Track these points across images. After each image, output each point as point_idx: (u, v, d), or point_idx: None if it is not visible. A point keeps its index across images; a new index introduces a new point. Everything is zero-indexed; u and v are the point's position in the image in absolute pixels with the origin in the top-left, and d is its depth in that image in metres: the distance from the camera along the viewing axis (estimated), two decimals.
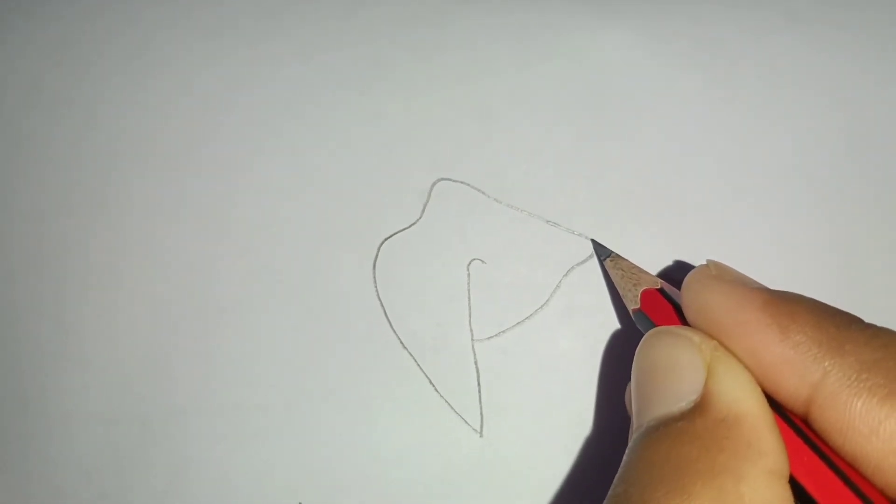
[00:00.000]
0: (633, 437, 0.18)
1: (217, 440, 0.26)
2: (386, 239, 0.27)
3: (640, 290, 0.22)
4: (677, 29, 0.28)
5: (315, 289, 0.27)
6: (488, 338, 0.26)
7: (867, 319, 0.26)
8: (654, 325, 0.21)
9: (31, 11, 0.30)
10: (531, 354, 0.26)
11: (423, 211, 0.27)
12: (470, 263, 0.27)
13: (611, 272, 0.24)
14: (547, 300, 0.26)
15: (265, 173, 0.28)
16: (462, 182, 0.27)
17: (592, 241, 0.26)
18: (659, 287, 0.22)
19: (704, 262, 0.20)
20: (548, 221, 0.27)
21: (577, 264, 0.26)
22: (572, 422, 0.26)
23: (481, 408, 0.26)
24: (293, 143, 0.28)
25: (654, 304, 0.22)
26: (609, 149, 0.27)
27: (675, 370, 0.18)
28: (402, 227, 0.27)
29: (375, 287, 0.27)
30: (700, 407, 0.17)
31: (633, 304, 0.22)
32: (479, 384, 0.26)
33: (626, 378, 0.26)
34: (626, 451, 0.18)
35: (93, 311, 0.28)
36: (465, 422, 0.26)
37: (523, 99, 0.28)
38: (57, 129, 0.29)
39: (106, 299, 0.28)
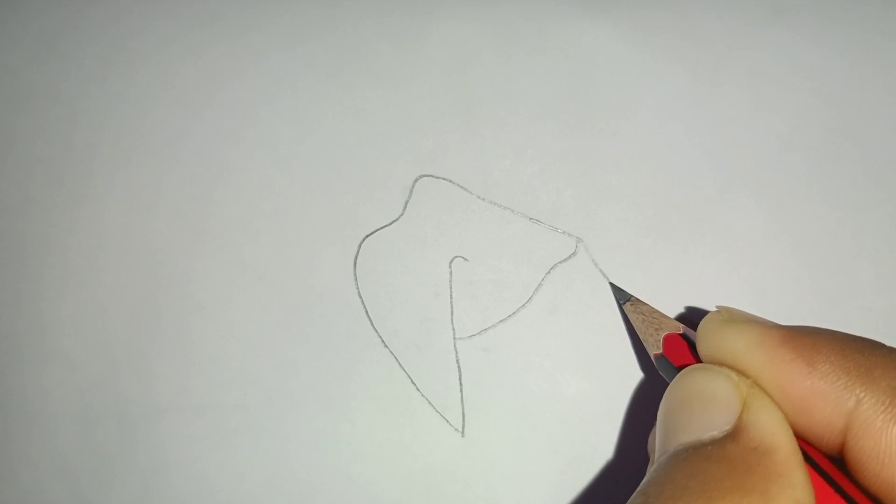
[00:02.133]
0: (658, 460, 0.18)
1: (196, 439, 0.26)
2: (367, 236, 0.27)
3: (662, 335, 0.22)
4: (663, 22, 0.27)
5: (295, 286, 0.27)
6: (470, 336, 0.26)
7: (854, 316, 0.26)
8: (677, 369, 0.21)
9: (11, 7, 0.29)
10: (513, 352, 0.26)
11: (405, 208, 0.27)
12: (452, 261, 0.26)
13: (631, 316, 0.24)
14: (529, 298, 0.26)
15: (245, 169, 0.27)
16: (444, 178, 0.27)
17: (611, 284, 0.26)
18: (681, 332, 0.22)
19: (714, 309, 0.21)
20: (531, 219, 0.26)
21: (560, 262, 0.26)
22: (554, 421, 0.26)
23: (463, 406, 0.26)
24: (273, 137, 0.27)
25: (677, 349, 0.22)
26: (594, 144, 0.27)
27: (710, 401, 0.18)
28: (383, 224, 0.27)
29: (356, 284, 0.26)
30: (732, 435, 0.17)
31: (654, 350, 0.22)
32: (460, 383, 0.26)
33: (610, 374, 0.26)
34: (648, 473, 0.18)
35: (71, 308, 0.27)
36: (447, 421, 0.26)
37: (508, 94, 0.27)
38: (35, 124, 0.28)
39: (84, 296, 0.27)
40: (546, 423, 0.26)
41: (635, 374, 0.26)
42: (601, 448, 0.26)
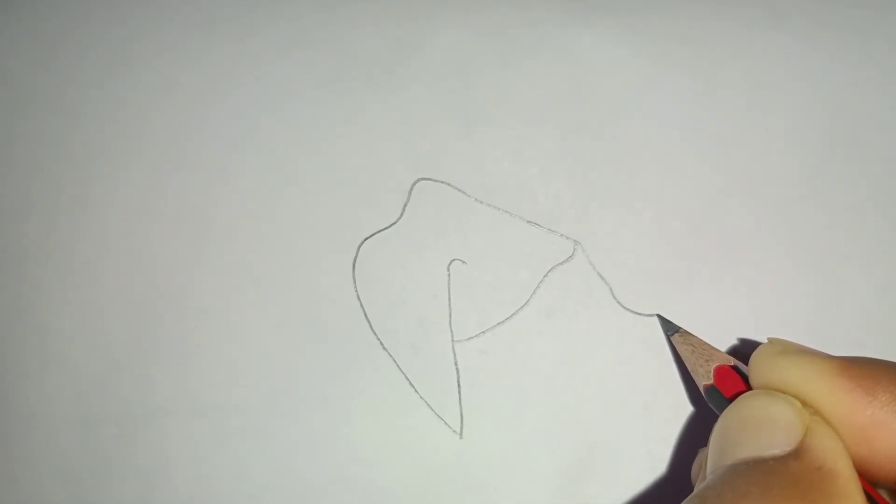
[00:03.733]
0: (714, 472, 0.18)
1: (196, 441, 0.26)
2: (366, 239, 0.27)
3: (713, 366, 0.22)
4: (660, 26, 0.27)
5: (294, 289, 0.27)
6: (468, 338, 0.26)
7: (852, 316, 0.26)
8: (728, 401, 0.21)
9: (15, 11, 0.29)
10: (511, 355, 0.26)
11: (404, 211, 0.27)
12: (450, 264, 0.27)
13: (679, 347, 0.25)
14: (527, 301, 0.26)
15: (245, 173, 0.28)
16: (442, 182, 0.27)
17: (658, 316, 0.26)
18: (732, 364, 0.22)
19: (766, 342, 0.21)
20: (529, 222, 0.27)
21: (558, 265, 0.26)
22: (552, 423, 0.26)
23: (461, 408, 0.26)
24: (273, 141, 0.28)
25: (728, 380, 0.22)
26: (591, 148, 0.27)
27: (773, 423, 0.18)
28: (381, 227, 0.27)
29: (355, 287, 0.27)
30: (795, 454, 0.17)
31: (705, 380, 0.23)
32: (458, 385, 0.26)
33: (608, 376, 0.26)
34: (704, 483, 0.18)
35: (72, 310, 0.27)
36: (445, 423, 0.26)
37: (505, 97, 0.27)
38: (36, 127, 0.29)
39: (85, 299, 0.27)
40: (544, 425, 0.26)
41: (632, 377, 0.26)
42: (599, 450, 0.26)
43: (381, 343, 0.26)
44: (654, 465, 0.26)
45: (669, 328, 0.25)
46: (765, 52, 0.27)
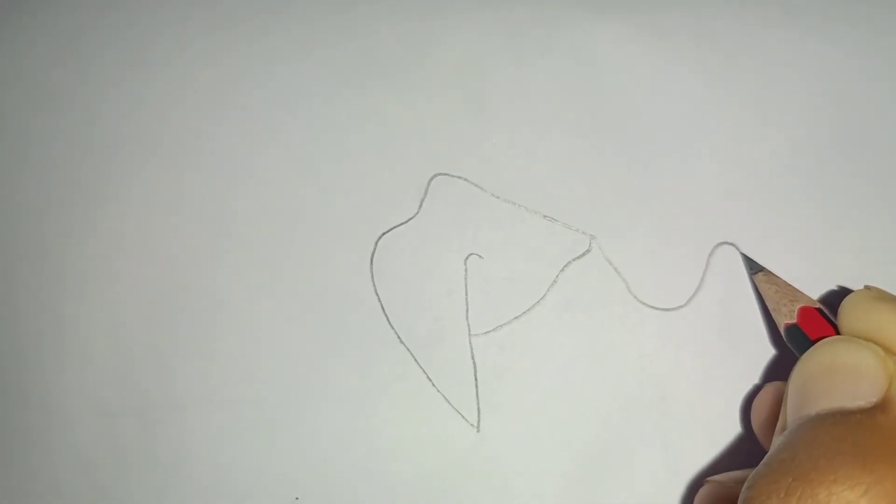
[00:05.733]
0: (796, 423, 0.18)
1: (215, 434, 0.27)
2: (383, 234, 0.27)
3: (798, 306, 0.22)
4: (673, 23, 0.28)
5: (313, 284, 0.27)
6: (485, 332, 0.26)
7: None
8: (809, 341, 0.21)
9: (33, 10, 0.30)
10: (528, 349, 0.26)
11: (421, 206, 0.27)
12: (467, 258, 0.27)
13: (762, 287, 0.24)
14: (544, 295, 0.26)
15: (263, 169, 0.28)
16: (459, 177, 0.27)
17: (743, 255, 0.26)
18: (817, 307, 0.22)
19: (862, 287, 0.21)
20: (545, 216, 0.27)
21: (575, 259, 0.26)
22: (569, 417, 0.26)
23: (478, 403, 0.26)
24: (291, 138, 0.28)
25: (812, 322, 0.22)
26: (606, 143, 0.27)
27: (856, 372, 0.18)
28: (399, 222, 0.27)
29: (373, 282, 0.27)
30: (881, 407, 0.17)
31: (787, 319, 0.22)
32: (476, 379, 0.26)
33: (624, 371, 0.26)
34: (787, 433, 0.18)
35: (92, 305, 0.28)
36: (462, 417, 0.26)
37: (520, 94, 0.28)
38: (57, 125, 0.29)
39: (105, 294, 0.28)
40: (561, 419, 0.26)
41: (648, 371, 0.26)
42: (615, 444, 0.26)
43: (399, 337, 0.26)
44: (669, 459, 0.26)
45: (753, 267, 0.25)
46: (778, 49, 0.27)
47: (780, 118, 0.27)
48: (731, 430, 0.25)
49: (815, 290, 0.26)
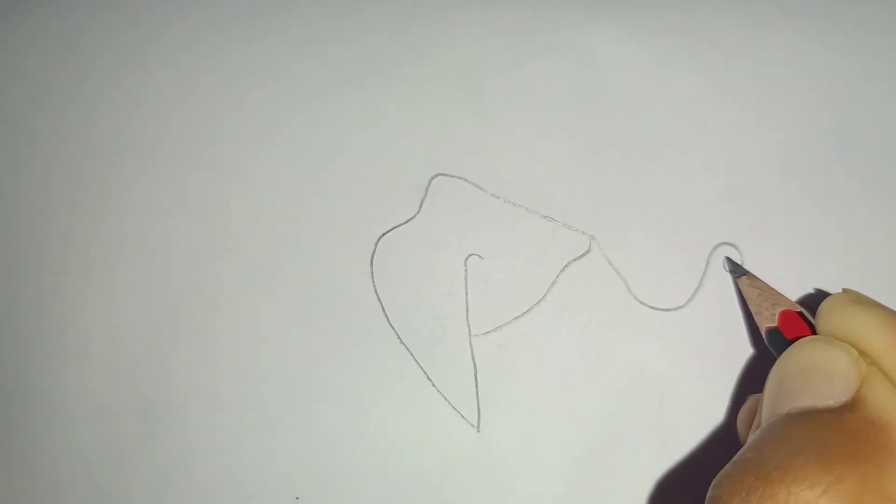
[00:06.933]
0: (768, 421, 0.18)
1: (216, 434, 0.27)
2: (383, 234, 0.27)
3: (779, 310, 0.22)
4: (672, 24, 0.28)
5: (313, 284, 0.27)
6: (485, 333, 0.26)
7: None
8: (790, 343, 0.21)
9: (33, 10, 0.30)
10: (528, 349, 0.26)
11: (421, 206, 0.27)
12: (467, 259, 0.27)
13: (745, 290, 0.25)
14: (544, 295, 0.26)
15: (263, 170, 0.28)
16: (459, 177, 0.27)
17: (727, 258, 0.26)
18: (798, 311, 0.22)
19: (840, 290, 0.21)
20: (545, 217, 0.27)
21: (574, 259, 0.26)
22: (569, 417, 0.26)
23: (478, 403, 0.26)
24: (291, 139, 0.28)
25: (793, 325, 0.22)
26: (605, 144, 0.27)
27: (829, 372, 0.18)
28: (399, 223, 0.27)
29: (373, 282, 0.27)
30: (850, 406, 0.17)
31: (768, 322, 0.23)
32: (476, 379, 0.26)
33: (624, 371, 0.26)
34: (759, 431, 0.18)
35: (93, 305, 0.28)
36: (462, 416, 0.26)
37: (520, 95, 0.28)
38: (57, 125, 0.29)
39: (106, 294, 0.28)
40: (560, 419, 0.26)
41: (647, 371, 0.26)
42: (615, 444, 0.26)
43: (399, 337, 0.27)
44: (668, 459, 0.26)
45: (737, 270, 0.25)
46: (777, 50, 0.27)
47: (779, 118, 0.27)
48: (730, 429, 0.25)
49: (814, 290, 0.26)
